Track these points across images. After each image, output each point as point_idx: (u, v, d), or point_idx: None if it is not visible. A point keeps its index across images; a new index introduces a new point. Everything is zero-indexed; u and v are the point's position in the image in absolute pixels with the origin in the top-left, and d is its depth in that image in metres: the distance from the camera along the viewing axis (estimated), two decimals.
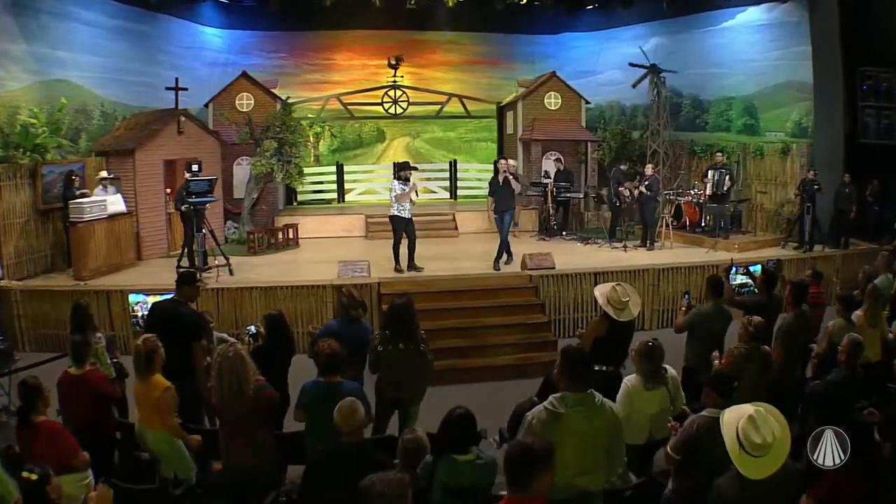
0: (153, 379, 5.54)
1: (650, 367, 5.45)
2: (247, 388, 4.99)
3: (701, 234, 14.38)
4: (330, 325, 6.75)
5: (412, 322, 6.32)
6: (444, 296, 10.21)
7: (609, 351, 6.33)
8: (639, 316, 11.09)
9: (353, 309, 6.63)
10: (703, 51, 16.71)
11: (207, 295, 10.31)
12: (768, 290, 7.43)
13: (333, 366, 5.34)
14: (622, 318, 6.17)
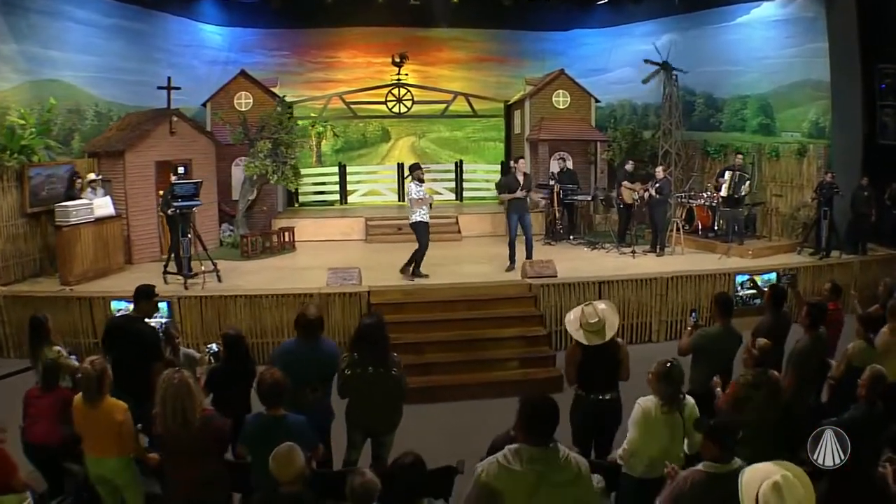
0: (107, 403, 5.10)
1: (668, 389, 4.89)
2: (192, 418, 4.62)
3: (713, 238, 13.68)
4: (286, 346, 6.12)
5: (383, 343, 5.71)
6: (436, 306, 9.61)
7: (598, 377, 5.72)
8: (646, 327, 10.63)
9: (307, 327, 6.01)
10: (716, 47, 15.97)
11: (190, 303, 9.85)
12: (775, 308, 6.75)
13: (275, 397, 4.80)
14: (593, 343, 5.57)
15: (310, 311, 6.12)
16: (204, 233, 13.29)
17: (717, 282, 10.86)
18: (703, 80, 16.24)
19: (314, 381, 5.86)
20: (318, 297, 9.64)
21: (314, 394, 5.86)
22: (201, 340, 9.85)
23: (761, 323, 6.69)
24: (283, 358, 5.89)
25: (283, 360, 5.83)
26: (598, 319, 5.59)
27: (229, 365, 6.12)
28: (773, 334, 6.45)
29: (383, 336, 5.71)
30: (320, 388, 5.88)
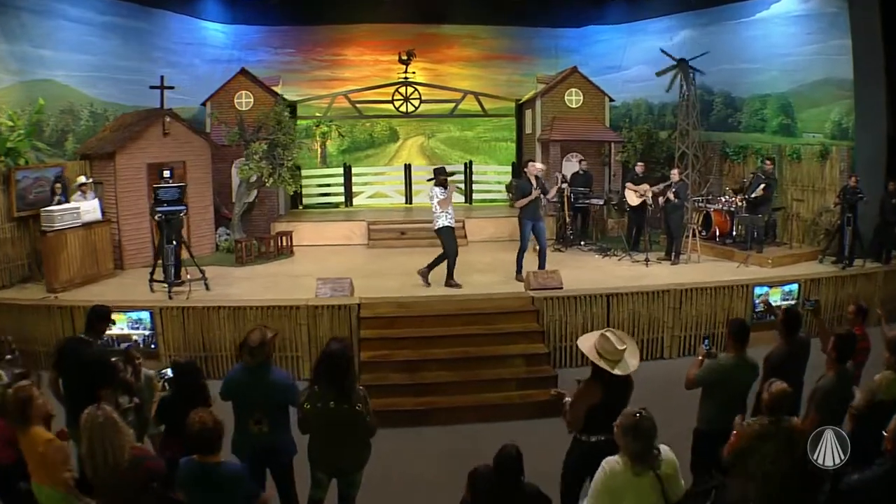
0: (31, 432, 4.63)
1: (636, 445, 4.00)
2: (120, 458, 4.12)
3: (731, 245, 12.85)
4: (232, 375, 5.44)
5: (347, 374, 5.00)
6: (431, 321, 8.88)
7: (607, 418, 4.93)
8: (657, 343, 9.85)
9: (249, 355, 5.33)
10: (735, 44, 15.14)
11: (172, 314, 9.23)
12: (790, 335, 5.94)
13: (207, 443, 4.15)
14: (618, 372, 4.84)
15: (254, 335, 5.37)
16: (199, 237, 12.86)
17: (734, 294, 10.06)
18: (721, 79, 15.41)
19: (258, 414, 5.21)
20: (306, 309, 8.98)
21: (257, 427, 5.21)
22: (184, 354, 9.28)
23: (774, 351, 5.92)
24: (226, 387, 5.34)
25: (227, 385, 5.34)
26: (624, 346, 4.88)
27: (179, 395, 5.47)
28: (787, 363, 5.75)
29: (348, 367, 5.00)
30: (264, 421, 5.20)
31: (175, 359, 5.92)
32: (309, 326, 9.02)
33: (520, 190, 10.83)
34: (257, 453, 5.23)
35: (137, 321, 9.42)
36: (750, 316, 10.04)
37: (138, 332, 9.38)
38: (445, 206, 10.26)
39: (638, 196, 13.12)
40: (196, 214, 12.83)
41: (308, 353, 9.06)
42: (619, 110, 17.39)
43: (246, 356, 5.32)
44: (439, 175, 10.46)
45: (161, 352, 9.34)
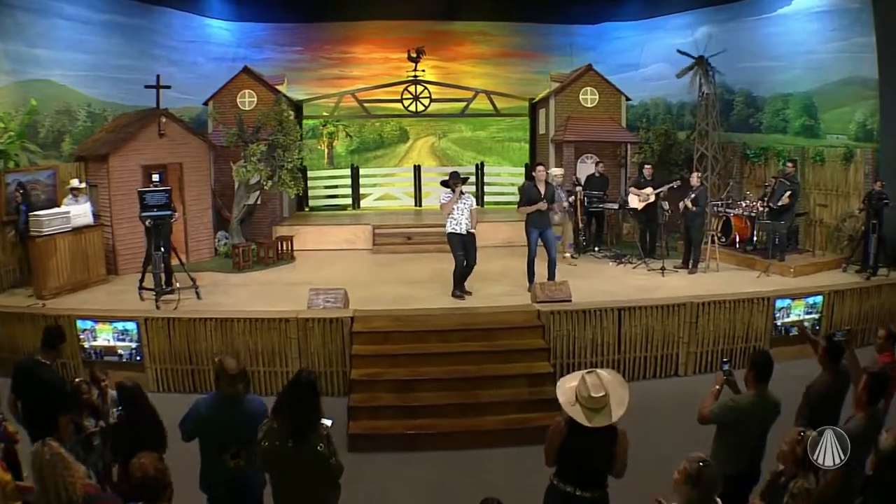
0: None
1: (696, 495, 3.50)
2: (74, 497, 3.74)
3: (752, 252, 12.09)
4: (199, 406, 4.85)
5: (311, 409, 4.38)
6: (428, 336, 8.23)
7: (580, 468, 4.27)
8: (672, 360, 9.13)
9: (229, 385, 4.78)
10: (756, 41, 14.34)
11: (157, 325, 8.69)
12: (832, 365, 5.25)
13: (151, 494, 3.58)
14: (596, 423, 4.15)
15: (230, 362, 4.82)
16: (197, 241, 12.36)
17: (754, 308, 9.33)
18: (741, 77, 14.62)
19: (234, 447, 4.65)
20: (296, 322, 8.39)
21: (235, 461, 4.65)
22: (170, 367, 8.77)
23: (816, 383, 5.24)
24: (194, 423, 4.76)
25: (195, 422, 4.78)
26: (603, 393, 4.16)
27: (128, 423, 4.91)
28: (829, 396, 5.14)
29: (311, 402, 4.39)
30: (243, 454, 4.65)
31: (120, 382, 5.33)
32: (299, 340, 8.43)
33: (525, 195, 10.19)
34: (231, 490, 4.76)
35: (124, 332, 8.91)
36: (770, 331, 9.40)
37: (124, 345, 8.87)
38: (448, 209, 9.72)
39: (640, 200, 12.41)
40: (194, 218, 12.31)
41: (298, 369, 8.47)
42: (636, 110, 16.66)
43: (225, 385, 4.78)
44: (452, 178, 9.89)
45: (147, 364, 8.83)
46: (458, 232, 9.71)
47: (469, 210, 9.77)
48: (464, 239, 9.71)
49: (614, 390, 4.21)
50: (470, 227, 9.75)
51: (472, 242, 9.81)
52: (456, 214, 9.71)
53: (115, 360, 8.82)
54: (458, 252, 9.72)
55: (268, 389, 8.54)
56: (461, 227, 9.72)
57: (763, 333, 9.40)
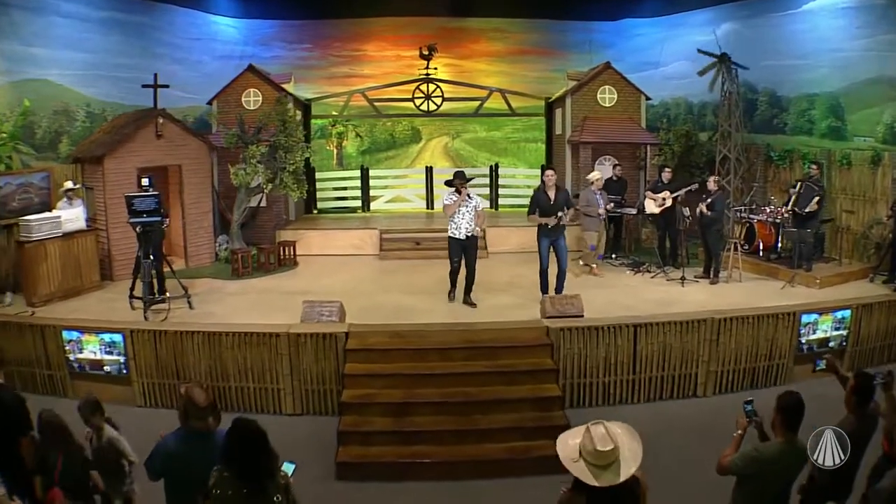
0: None
1: None
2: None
3: (776, 261, 11.35)
4: (166, 443, 4.34)
5: (264, 455, 3.80)
6: (428, 354, 7.61)
7: None
8: (690, 379, 8.44)
9: (199, 419, 4.24)
10: (780, 38, 13.52)
11: (143, 338, 8.17)
12: (860, 406, 4.55)
13: None
14: (605, 482, 3.47)
15: (198, 394, 4.32)
16: (197, 246, 11.89)
17: (778, 324, 8.60)
18: (765, 76, 13.82)
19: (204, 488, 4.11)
20: (287, 338, 7.82)
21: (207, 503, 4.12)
22: (157, 381, 8.25)
23: (841, 426, 4.53)
24: (166, 456, 4.27)
25: (164, 459, 4.30)
26: (612, 447, 3.46)
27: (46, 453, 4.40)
28: (854, 440, 4.40)
29: (263, 446, 3.81)
30: None
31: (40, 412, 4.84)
32: (291, 356, 7.86)
33: (533, 203, 9.55)
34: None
35: (111, 344, 8.40)
36: (795, 348, 8.68)
37: (112, 358, 8.36)
38: (450, 212, 9.19)
39: (657, 204, 11.70)
40: (193, 222, 11.81)
41: (290, 386, 7.93)
42: (656, 110, 15.93)
43: (194, 419, 4.29)
44: (456, 178, 9.30)
45: (133, 378, 8.32)
46: (457, 237, 9.22)
47: (473, 212, 9.23)
48: (463, 244, 9.23)
49: (625, 443, 3.54)
50: (471, 230, 9.23)
51: (472, 247, 9.32)
52: (457, 217, 9.21)
53: (101, 374, 8.35)
54: (453, 258, 9.34)
55: (258, 407, 8.03)
56: (460, 231, 9.21)
57: (787, 351, 8.69)
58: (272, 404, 8.04)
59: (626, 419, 7.18)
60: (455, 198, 9.17)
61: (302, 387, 7.95)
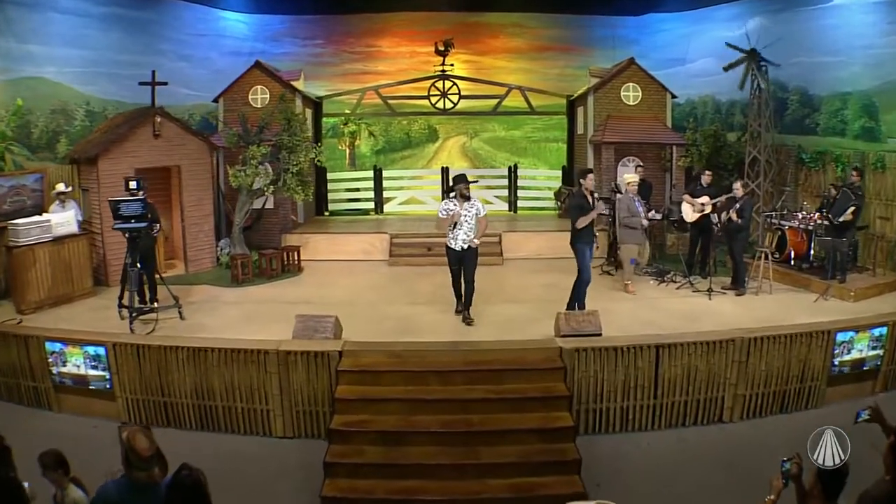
0: None
1: None
2: None
3: (808, 271, 10.48)
4: (106, 491, 3.82)
5: None
6: (427, 378, 6.88)
7: None
8: (716, 404, 7.63)
9: (141, 469, 3.64)
10: (811, 34, 12.67)
11: (126, 352, 7.57)
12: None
13: None
14: None
15: (140, 441, 3.82)
16: (197, 251, 11.31)
17: (812, 343, 7.75)
18: (796, 73, 12.97)
19: None
20: (276, 355, 7.15)
21: None
22: (141, 397, 7.63)
23: (874, 491, 3.75)
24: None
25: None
26: None
27: None
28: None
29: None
30: None
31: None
32: (280, 375, 7.20)
33: (576, 208, 8.65)
34: None
35: (95, 358, 7.80)
36: (828, 369, 7.84)
37: (96, 374, 7.76)
38: (444, 226, 8.50)
39: (695, 210, 10.83)
40: (193, 225, 11.20)
41: (280, 407, 7.27)
42: (682, 109, 15.08)
43: (137, 470, 3.79)
44: (456, 185, 8.52)
45: (117, 393, 7.73)
46: (453, 248, 8.50)
47: (473, 220, 8.44)
48: (459, 255, 8.49)
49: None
50: (468, 241, 8.44)
51: (470, 258, 8.53)
52: (449, 227, 8.45)
53: (83, 388, 7.77)
54: (451, 266, 8.61)
55: (246, 428, 7.38)
56: (457, 241, 8.45)
57: (820, 372, 7.85)
58: (261, 426, 7.38)
59: (645, 447, 6.41)
60: (453, 209, 8.39)
61: (293, 408, 7.28)
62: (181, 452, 6.93)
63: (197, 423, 7.52)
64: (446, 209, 8.45)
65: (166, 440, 7.15)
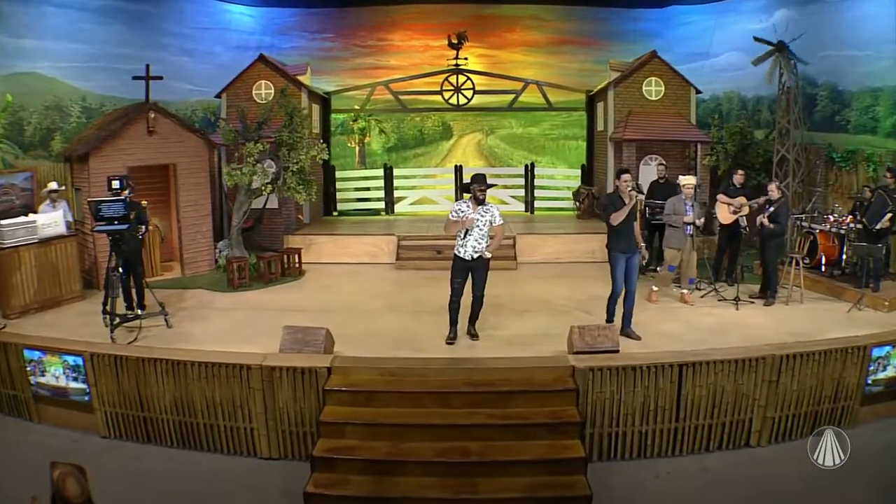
0: None
1: None
2: None
3: (841, 279, 9.65)
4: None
5: None
6: (424, 399, 6.17)
7: None
8: (743, 426, 6.84)
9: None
10: (841, 26, 11.78)
11: (104, 363, 6.97)
12: None
13: None
14: None
15: (70, 487, 3.47)
16: (194, 252, 10.73)
17: (847, 359, 6.96)
18: (825, 67, 12.10)
19: None
20: (260, 371, 6.50)
21: None
22: (120, 411, 7.04)
23: None
24: None
25: None
26: None
27: None
28: None
29: None
30: None
31: None
32: (265, 392, 6.54)
33: (609, 208, 7.80)
34: None
35: (75, 368, 7.24)
36: (862, 387, 7.08)
37: (76, 386, 7.20)
38: (452, 231, 7.43)
39: (731, 211, 9.97)
40: (190, 226, 10.60)
41: (265, 426, 6.62)
42: (706, 105, 14.25)
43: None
44: (472, 185, 7.44)
45: (96, 406, 7.14)
46: (461, 256, 7.43)
47: (487, 226, 7.39)
48: (468, 265, 7.43)
49: None
50: (480, 250, 7.38)
51: (481, 269, 7.48)
52: (458, 232, 7.40)
53: (63, 399, 7.24)
54: (454, 279, 7.45)
55: (230, 448, 6.75)
56: (466, 249, 7.37)
57: (854, 391, 7.08)
58: (245, 445, 6.74)
59: (665, 476, 5.60)
60: (464, 212, 7.36)
61: (278, 427, 6.62)
62: (158, 470, 6.37)
63: (178, 440, 6.92)
64: (458, 211, 7.40)
65: (145, 457, 6.58)
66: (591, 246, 11.71)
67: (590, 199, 13.79)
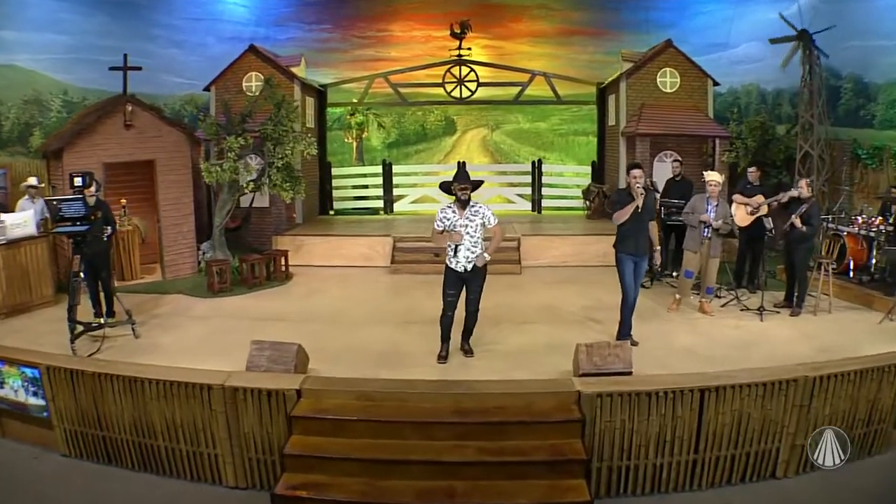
0: None
1: None
2: None
3: (870, 285, 8.75)
4: None
5: None
6: (404, 430, 5.29)
7: None
8: (769, 456, 5.91)
9: None
10: (865, 14, 10.98)
11: (60, 377, 6.18)
12: None
13: None
14: None
15: None
16: (175, 255, 9.92)
17: (884, 379, 6.04)
18: (850, 59, 11.27)
19: None
20: (222, 391, 5.67)
21: None
22: (79, 429, 6.26)
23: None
24: None
25: None
26: None
27: None
28: None
29: None
30: None
31: None
32: (228, 416, 5.72)
33: (615, 204, 7.06)
34: None
35: (34, 381, 6.48)
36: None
37: (36, 403, 6.44)
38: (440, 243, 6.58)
39: (749, 212, 9.05)
40: (171, 227, 9.81)
41: (230, 453, 5.79)
42: (724, 98, 13.36)
43: None
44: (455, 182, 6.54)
45: (55, 423, 6.37)
46: (453, 268, 6.56)
47: (477, 233, 6.47)
48: (462, 276, 6.56)
49: None
50: (473, 259, 6.48)
51: (476, 279, 6.59)
52: (448, 243, 6.50)
53: (19, 413, 6.50)
54: (447, 290, 6.59)
55: (193, 474, 5.93)
56: (458, 261, 6.50)
57: (889, 413, 6.18)
58: (209, 472, 5.91)
59: None
60: (450, 219, 6.46)
61: (244, 454, 5.80)
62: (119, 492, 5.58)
63: (138, 462, 6.12)
64: (443, 219, 6.50)
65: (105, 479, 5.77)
66: (601, 248, 10.80)
67: (600, 198, 12.91)
